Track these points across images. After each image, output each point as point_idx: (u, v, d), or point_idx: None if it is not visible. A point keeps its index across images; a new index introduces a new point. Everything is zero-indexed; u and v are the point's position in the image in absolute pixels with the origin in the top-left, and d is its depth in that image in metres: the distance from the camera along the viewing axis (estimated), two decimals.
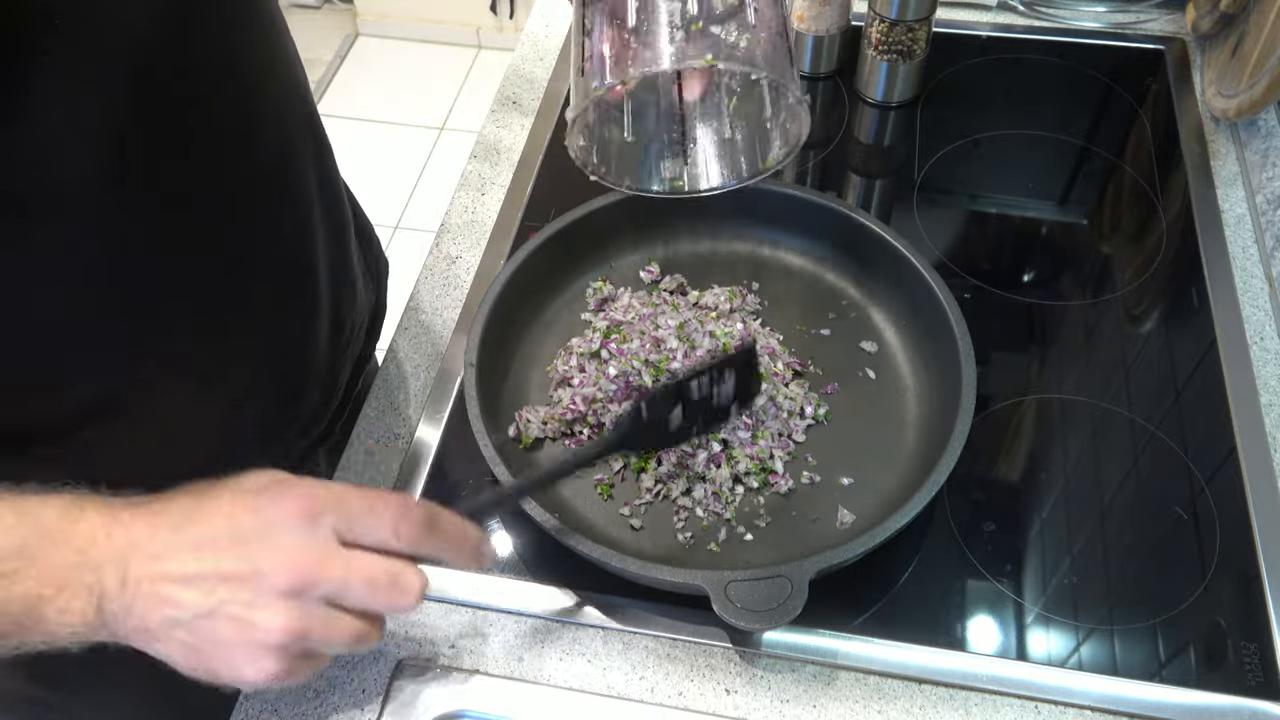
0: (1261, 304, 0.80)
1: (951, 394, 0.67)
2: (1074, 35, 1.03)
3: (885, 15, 0.90)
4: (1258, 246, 0.84)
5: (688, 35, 0.58)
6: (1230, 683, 0.61)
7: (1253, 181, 0.88)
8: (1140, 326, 0.80)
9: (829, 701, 0.61)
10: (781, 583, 0.58)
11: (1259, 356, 0.76)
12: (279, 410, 0.71)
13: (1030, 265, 0.87)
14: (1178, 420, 0.73)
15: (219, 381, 0.65)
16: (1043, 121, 0.95)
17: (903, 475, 0.68)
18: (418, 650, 0.64)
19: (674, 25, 0.58)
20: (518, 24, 2.66)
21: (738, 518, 0.67)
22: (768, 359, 0.74)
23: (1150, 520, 0.68)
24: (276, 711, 0.62)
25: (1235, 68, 0.89)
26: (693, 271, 0.81)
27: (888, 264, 0.76)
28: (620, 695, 0.62)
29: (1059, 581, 0.66)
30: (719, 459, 0.68)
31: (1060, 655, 0.62)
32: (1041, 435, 0.73)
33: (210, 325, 0.62)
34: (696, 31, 0.58)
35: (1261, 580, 0.64)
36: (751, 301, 0.79)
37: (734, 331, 0.75)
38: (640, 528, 0.67)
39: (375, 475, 0.72)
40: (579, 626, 0.65)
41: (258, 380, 0.68)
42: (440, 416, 0.75)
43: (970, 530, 0.68)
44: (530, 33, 1.08)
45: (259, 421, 0.70)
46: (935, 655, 0.62)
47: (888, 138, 0.97)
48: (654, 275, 0.80)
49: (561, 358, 0.75)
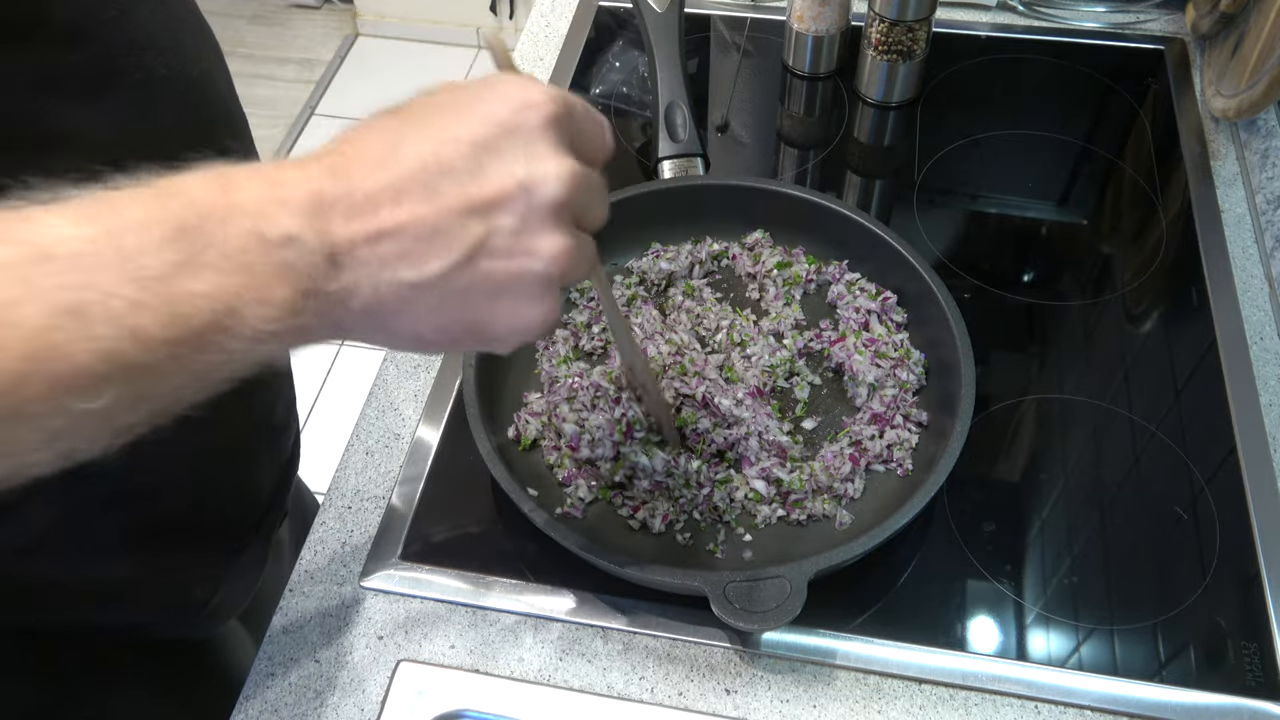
0: (1261, 304, 0.80)
1: (951, 394, 0.67)
2: (1074, 35, 1.03)
3: (885, 15, 0.89)
4: (1258, 246, 0.84)
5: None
6: (1230, 683, 0.61)
7: (1253, 181, 0.88)
8: (1140, 326, 0.80)
9: (829, 701, 0.61)
10: (780, 583, 0.58)
11: (1259, 356, 0.76)
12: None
13: (1030, 265, 0.87)
14: (1178, 420, 0.73)
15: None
16: (1043, 121, 0.95)
17: (901, 476, 0.68)
18: (418, 650, 0.64)
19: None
20: (517, 24, 2.66)
21: (737, 519, 0.67)
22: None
23: (1150, 520, 0.68)
24: (277, 711, 0.62)
25: (1235, 68, 0.89)
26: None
27: (887, 264, 0.76)
28: (620, 695, 0.62)
29: (1059, 581, 0.66)
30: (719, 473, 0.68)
31: (1060, 655, 0.62)
32: (1041, 435, 0.73)
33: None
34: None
35: (1261, 580, 0.64)
36: (749, 302, 0.79)
37: (735, 325, 0.75)
38: (640, 528, 0.67)
39: (375, 475, 0.72)
40: (579, 626, 0.65)
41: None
42: (440, 416, 0.75)
43: (970, 530, 0.68)
44: (530, 33, 1.08)
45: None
46: (935, 655, 0.62)
47: (887, 138, 0.97)
48: (653, 275, 0.80)
49: (544, 355, 0.75)
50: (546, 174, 0.38)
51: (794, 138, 0.98)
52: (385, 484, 0.72)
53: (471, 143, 0.37)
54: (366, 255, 0.36)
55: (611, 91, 1.00)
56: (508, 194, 0.37)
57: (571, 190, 0.38)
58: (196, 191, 0.35)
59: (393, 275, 0.37)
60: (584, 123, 0.41)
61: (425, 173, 0.37)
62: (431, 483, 0.71)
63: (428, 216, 0.36)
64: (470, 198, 0.37)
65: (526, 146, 0.38)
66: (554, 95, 0.39)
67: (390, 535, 0.69)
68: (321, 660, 0.64)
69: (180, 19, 0.56)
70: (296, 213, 0.35)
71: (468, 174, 0.37)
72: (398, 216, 0.36)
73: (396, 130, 0.38)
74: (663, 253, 0.80)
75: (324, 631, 0.65)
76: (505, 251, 0.38)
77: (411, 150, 0.37)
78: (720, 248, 0.81)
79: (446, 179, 0.37)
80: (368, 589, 0.67)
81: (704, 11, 1.07)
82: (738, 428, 0.68)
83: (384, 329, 0.38)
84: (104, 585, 0.61)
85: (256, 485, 0.71)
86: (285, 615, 0.66)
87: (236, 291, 0.34)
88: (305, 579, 0.67)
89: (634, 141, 0.96)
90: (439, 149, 0.37)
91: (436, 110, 0.39)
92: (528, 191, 0.37)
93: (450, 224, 0.37)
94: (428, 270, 0.37)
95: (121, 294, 0.32)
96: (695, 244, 0.81)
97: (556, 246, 0.38)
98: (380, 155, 0.37)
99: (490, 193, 0.37)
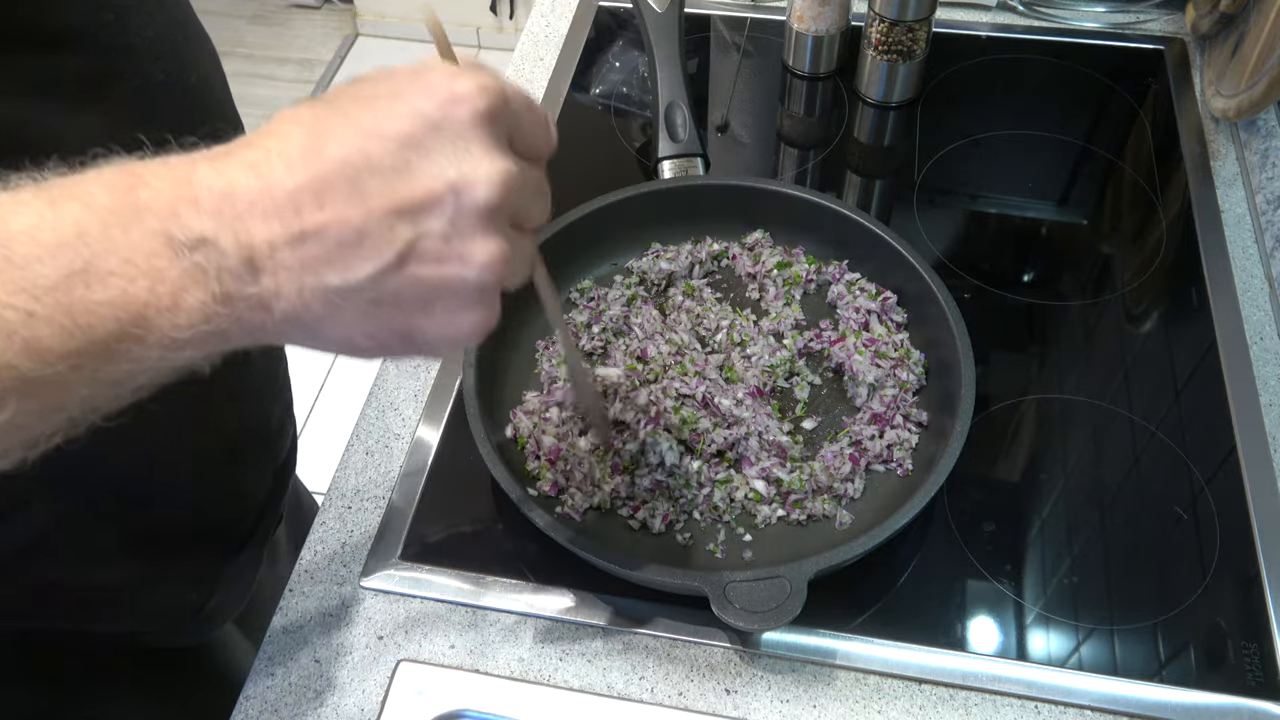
0: (1261, 304, 0.80)
1: (951, 394, 0.67)
2: (1074, 35, 1.03)
3: (885, 15, 0.89)
4: (1258, 246, 0.84)
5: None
6: (1230, 683, 0.61)
7: (1253, 181, 0.88)
8: (1140, 326, 0.80)
9: (829, 701, 0.61)
10: (780, 583, 0.57)
11: (1259, 356, 0.76)
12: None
13: (1030, 265, 0.87)
14: (1178, 420, 0.73)
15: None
16: (1043, 121, 0.95)
17: (901, 476, 0.68)
18: (418, 650, 0.64)
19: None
20: (518, 24, 2.66)
21: (737, 519, 0.67)
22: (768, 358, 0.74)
23: (1150, 520, 0.68)
24: (276, 712, 0.62)
25: (1235, 68, 0.89)
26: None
27: (887, 264, 0.76)
28: (620, 695, 0.62)
29: (1059, 581, 0.66)
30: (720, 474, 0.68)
31: (1060, 655, 0.62)
32: (1041, 435, 0.73)
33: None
34: None
35: (1261, 580, 0.64)
36: (749, 302, 0.79)
37: (735, 325, 0.75)
38: (639, 528, 0.67)
39: (375, 475, 0.72)
40: (579, 626, 0.65)
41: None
42: (440, 416, 0.75)
43: (970, 530, 0.68)
44: (530, 33, 1.08)
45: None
46: (935, 655, 0.62)
47: (887, 138, 0.97)
48: (653, 275, 0.80)
49: (545, 355, 0.75)
50: (478, 176, 0.35)
51: (794, 138, 0.98)
52: (385, 484, 0.72)
53: (398, 138, 0.35)
54: (288, 258, 0.34)
55: (611, 91, 1.00)
56: (436, 196, 0.35)
57: (505, 193, 0.36)
58: (98, 193, 0.32)
59: (316, 280, 0.34)
60: (523, 117, 0.38)
61: (351, 170, 0.34)
62: (431, 482, 0.71)
63: (353, 218, 0.34)
64: (398, 199, 0.34)
65: (456, 145, 0.35)
66: (486, 86, 0.36)
67: (390, 535, 0.69)
68: (321, 660, 0.64)
69: (177, 24, 0.56)
70: (209, 212, 0.33)
71: (394, 173, 0.35)
72: (321, 217, 0.34)
73: (321, 122, 0.35)
74: (663, 253, 0.80)
75: (324, 631, 0.65)
76: (435, 257, 0.35)
77: (335, 145, 0.34)
78: (720, 248, 0.81)
79: (373, 178, 0.34)
80: (367, 589, 0.67)
81: (704, 11, 1.07)
82: (738, 428, 0.68)
83: (312, 335, 0.36)
84: (98, 589, 0.61)
85: (252, 491, 0.71)
86: (285, 615, 0.66)
87: (143, 299, 0.32)
88: (305, 579, 0.67)
89: (634, 141, 0.96)
90: (365, 144, 0.34)
91: (363, 102, 0.36)
92: (457, 194, 0.35)
93: (377, 226, 0.34)
94: (354, 275, 0.34)
95: (13, 304, 0.30)
96: (695, 244, 0.81)
97: (488, 253, 0.36)
98: (302, 150, 0.34)
99: (418, 195, 0.35)
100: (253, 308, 0.34)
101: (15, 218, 0.31)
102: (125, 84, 0.51)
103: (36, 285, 0.31)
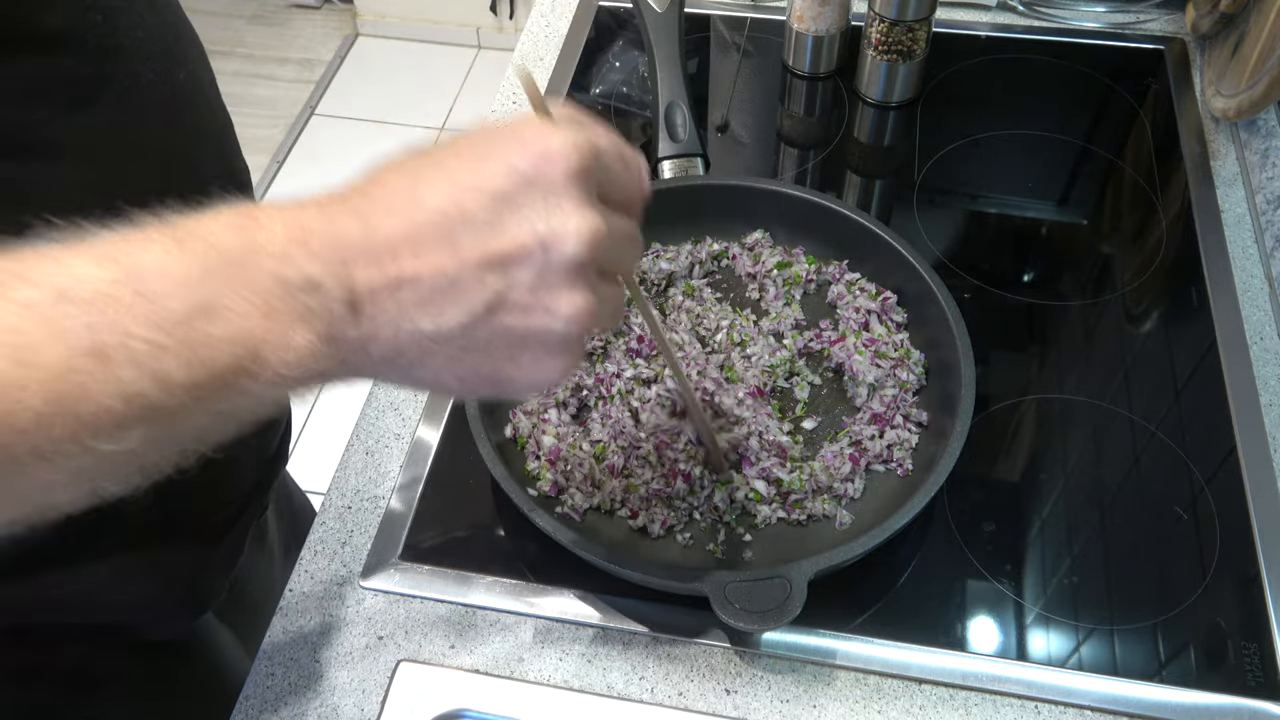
0: (1261, 304, 0.80)
1: (951, 394, 0.67)
2: (1074, 35, 1.03)
3: (885, 15, 0.89)
4: (1258, 246, 0.84)
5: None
6: (1230, 683, 0.61)
7: (1253, 181, 0.88)
8: (1140, 326, 0.80)
9: (829, 701, 0.61)
10: (781, 583, 0.58)
11: (1259, 356, 0.76)
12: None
13: (1030, 265, 0.87)
14: (1178, 420, 0.73)
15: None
16: (1043, 121, 0.95)
17: (902, 476, 0.68)
18: (418, 650, 0.64)
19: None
20: (518, 24, 2.66)
21: (737, 519, 0.67)
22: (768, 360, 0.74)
23: (1150, 520, 0.68)
24: (276, 711, 0.62)
25: (1235, 68, 0.89)
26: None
27: (887, 264, 0.76)
28: (620, 695, 0.62)
29: (1059, 581, 0.66)
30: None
31: (1060, 655, 0.62)
32: (1041, 435, 0.73)
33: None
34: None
35: (1261, 580, 0.64)
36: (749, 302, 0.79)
37: (735, 325, 0.75)
38: (639, 529, 0.67)
39: (375, 475, 0.72)
40: (579, 626, 0.65)
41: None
42: (440, 416, 0.75)
43: (970, 530, 0.68)
44: (530, 33, 1.08)
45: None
46: (935, 655, 0.62)
47: (887, 138, 0.97)
48: (653, 275, 0.80)
49: None
50: (566, 231, 0.36)
51: (794, 138, 0.98)
52: (385, 484, 0.72)
53: (491, 193, 0.36)
54: (386, 303, 0.36)
55: (611, 91, 1.00)
56: (526, 250, 0.36)
57: (592, 247, 0.37)
58: (219, 233, 0.34)
59: (412, 325, 0.36)
60: (614, 169, 0.40)
61: (445, 221, 0.36)
62: (431, 483, 0.71)
63: (446, 268, 0.36)
64: (489, 251, 0.36)
65: (547, 200, 0.37)
66: (578, 144, 0.37)
67: (390, 535, 0.69)
68: (321, 660, 0.64)
69: (166, 24, 0.56)
70: (318, 257, 0.35)
71: (486, 226, 0.36)
72: (416, 265, 0.36)
73: (421, 174, 0.37)
74: (663, 253, 0.80)
75: (324, 631, 0.65)
76: (523, 308, 0.37)
77: (432, 197, 0.36)
78: (720, 248, 0.81)
79: (465, 230, 0.36)
80: (368, 589, 0.67)
81: (704, 11, 1.07)
82: (738, 428, 0.68)
83: (405, 376, 0.38)
84: (74, 577, 0.61)
85: (236, 479, 0.71)
86: (285, 615, 0.66)
87: (258, 335, 0.34)
88: (305, 579, 0.67)
89: (634, 141, 0.96)
90: (459, 197, 0.36)
91: (459, 156, 0.38)
92: (546, 249, 0.36)
93: (469, 276, 0.36)
94: (446, 322, 0.36)
95: (144, 337, 0.32)
96: (695, 244, 0.81)
97: (574, 305, 0.37)
98: (402, 199, 0.36)
99: (508, 247, 0.36)
100: (353, 349, 0.36)
101: (144, 253, 0.33)
102: (115, 85, 0.51)
103: (166, 320, 0.32)
